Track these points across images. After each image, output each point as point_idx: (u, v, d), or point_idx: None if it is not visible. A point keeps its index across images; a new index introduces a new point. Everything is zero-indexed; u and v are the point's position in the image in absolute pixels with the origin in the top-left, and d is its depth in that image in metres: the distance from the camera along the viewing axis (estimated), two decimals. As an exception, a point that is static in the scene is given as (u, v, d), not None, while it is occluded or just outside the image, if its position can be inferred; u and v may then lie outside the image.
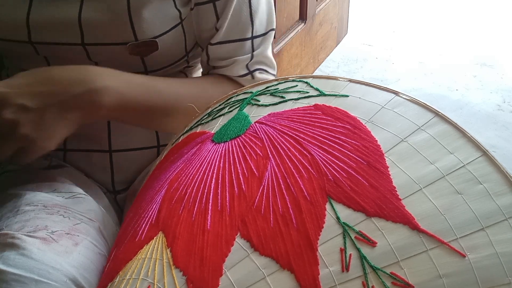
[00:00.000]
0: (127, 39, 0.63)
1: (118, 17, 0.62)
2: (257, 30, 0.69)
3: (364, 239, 0.39)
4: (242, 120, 0.51)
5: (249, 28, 0.68)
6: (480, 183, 0.40)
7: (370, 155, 0.43)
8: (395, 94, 0.48)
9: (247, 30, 0.68)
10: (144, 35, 0.63)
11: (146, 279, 0.41)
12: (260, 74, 0.72)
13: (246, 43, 0.69)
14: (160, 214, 0.45)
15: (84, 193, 0.66)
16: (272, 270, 0.39)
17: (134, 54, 0.65)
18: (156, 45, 0.65)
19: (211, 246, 0.41)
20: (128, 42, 0.63)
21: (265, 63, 0.72)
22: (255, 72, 0.71)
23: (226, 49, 0.69)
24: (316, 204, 0.41)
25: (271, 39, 0.72)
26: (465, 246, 0.38)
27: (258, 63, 0.71)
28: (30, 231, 0.52)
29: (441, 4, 2.97)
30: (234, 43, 0.69)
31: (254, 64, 0.71)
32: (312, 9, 1.94)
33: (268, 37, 0.72)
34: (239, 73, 0.70)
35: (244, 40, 0.69)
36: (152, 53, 0.65)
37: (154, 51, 0.65)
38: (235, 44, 0.69)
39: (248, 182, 0.44)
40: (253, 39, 0.69)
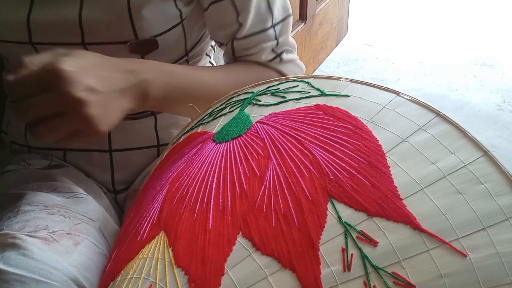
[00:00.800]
0: (128, 37, 0.63)
1: (118, 16, 0.62)
2: (276, 17, 0.71)
3: (366, 238, 0.39)
4: (243, 120, 0.51)
5: (270, 17, 0.70)
6: (481, 183, 0.40)
7: (372, 155, 0.43)
8: (396, 94, 0.48)
9: (268, 20, 0.70)
10: (144, 33, 0.63)
11: (148, 278, 0.41)
12: (287, 54, 0.74)
13: (269, 31, 0.71)
14: (162, 213, 0.45)
15: (84, 193, 0.66)
16: (273, 270, 0.39)
17: (134, 52, 0.65)
18: (156, 43, 0.65)
19: (212, 245, 0.41)
20: (129, 41, 0.63)
21: (287, 45, 0.74)
22: (282, 54, 0.73)
23: (251, 40, 0.70)
24: (317, 203, 0.41)
25: (290, 24, 0.74)
26: (466, 246, 0.38)
27: (283, 46, 0.73)
28: (30, 231, 0.52)
29: (441, 4, 2.97)
30: (258, 34, 0.70)
31: (280, 48, 0.73)
32: (312, 9, 1.94)
33: (287, 23, 0.73)
34: (268, 58, 0.72)
35: (267, 30, 0.70)
36: (153, 52, 0.66)
37: (154, 49, 0.65)
38: (259, 35, 0.70)
39: (250, 181, 0.44)
40: (274, 26, 0.71)
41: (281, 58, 0.73)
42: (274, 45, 0.72)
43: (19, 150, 0.75)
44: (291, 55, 0.75)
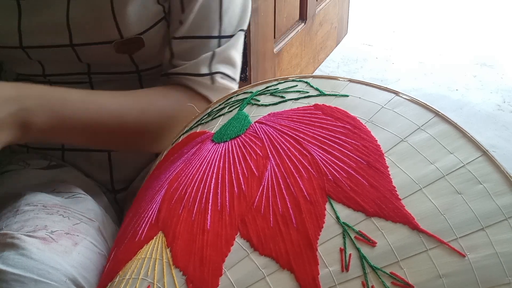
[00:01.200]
0: (113, 37, 0.63)
1: (102, 15, 0.62)
2: (225, 30, 0.66)
3: (364, 239, 0.39)
4: (242, 120, 0.51)
5: (216, 26, 0.65)
6: (480, 183, 0.40)
7: (370, 155, 0.43)
8: (395, 94, 0.48)
9: (214, 28, 0.65)
10: (129, 32, 0.63)
11: (146, 279, 0.41)
12: (222, 79, 0.67)
13: (211, 41, 0.65)
14: (160, 214, 0.45)
15: (83, 192, 0.66)
16: (271, 270, 0.39)
17: (121, 52, 0.64)
18: (141, 41, 0.64)
19: (211, 246, 0.41)
20: (114, 40, 0.63)
21: (228, 63, 0.68)
22: (217, 74, 0.67)
23: (190, 45, 0.65)
24: (315, 204, 0.41)
25: (240, 39, 0.68)
26: (465, 246, 0.38)
27: (220, 63, 0.67)
28: (29, 231, 0.52)
29: (441, 4, 2.97)
30: (199, 39, 0.65)
31: (217, 64, 0.66)
32: (312, 9, 1.94)
33: (237, 37, 0.68)
34: (200, 71, 0.66)
35: (210, 38, 0.65)
36: (140, 50, 0.65)
37: (141, 47, 0.65)
38: (200, 41, 0.65)
39: (248, 182, 0.44)
40: (220, 38, 0.66)
41: (213, 79, 0.66)
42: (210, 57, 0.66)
43: (18, 150, 0.75)
44: (225, 82, 0.68)
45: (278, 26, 1.73)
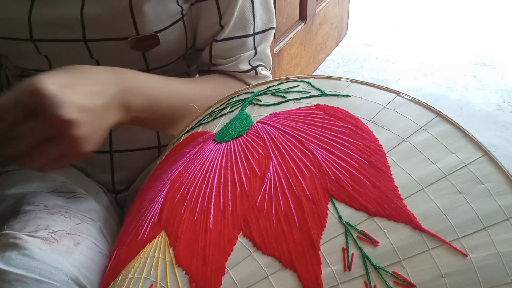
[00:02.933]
0: (129, 33, 0.63)
1: (119, 11, 0.62)
2: (258, 26, 0.69)
3: (366, 238, 0.39)
4: (244, 120, 0.51)
5: (252, 24, 0.69)
6: (482, 183, 0.40)
7: (372, 155, 0.43)
8: (396, 94, 0.48)
9: (250, 26, 0.69)
10: (146, 29, 0.63)
11: (149, 278, 0.41)
12: (262, 70, 0.72)
13: (249, 39, 0.69)
14: (162, 213, 0.45)
15: (85, 192, 0.66)
16: (274, 269, 0.39)
17: (135, 49, 0.64)
18: (157, 39, 0.64)
19: (213, 245, 0.41)
20: (129, 37, 0.63)
21: (264, 60, 0.73)
22: (258, 68, 0.71)
23: (230, 46, 0.69)
24: (318, 203, 0.41)
25: (271, 37, 0.73)
26: (466, 246, 0.38)
27: (259, 60, 0.72)
28: (31, 231, 0.52)
29: (441, 4, 2.97)
30: (238, 39, 0.68)
31: (256, 61, 0.71)
32: (312, 9, 1.94)
33: (269, 35, 0.72)
34: (243, 69, 0.70)
35: (247, 37, 0.69)
36: (154, 49, 0.65)
37: (156, 46, 0.65)
38: (239, 41, 0.69)
39: (250, 181, 0.44)
40: (255, 35, 0.70)
41: (256, 72, 0.71)
42: (252, 55, 0.70)
43: None
44: (266, 72, 0.73)
45: (278, 26, 1.73)
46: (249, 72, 0.70)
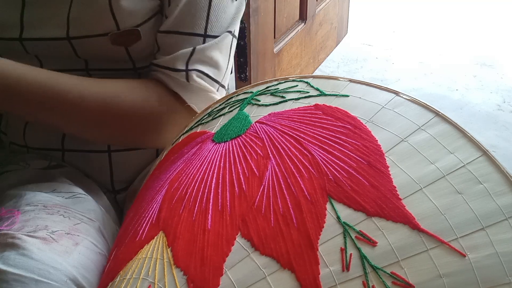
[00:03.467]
0: (109, 29, 0.63)
1: (99, 7, 0.62)
2: (212, 29, 0.64)
3: (365, 238, 0.39)
4: (242, 120, 0.51)
5: (202, 24, 0.63)
6: (480, 183, 0.40)
7: (371, 155, 0.43)
8: (395, 94, 0.48)
9: (199, 25, 0.63)
10: (126, 24, 0.63)
11: (147, 278, 0.41)
12: (198, 77, 0.64)
13: (195, 38, 0.63)
14: (161, 213, 0.45)
15: (84, 193, 0.66)
16: (272, 270, 0.39)
17: (117, 44, 0.64)
18: (138, 33, 0.64)
19: (211, 245, 0.41)
20: (110, 32, 0.63)
21: (209, 63, 0.65)
22: (193, 72, 0.63)
23: (174, 41, 0.64)
24: (316, 203, 0.41)
25: (225, 40, 0.66)
26: (465, 246, 0.38)
27: (199, 62, 0.64)
28: (30, 231, 0.52)
29: (441, 4, 2.97)
30: (182, 35, 0.63)
31: (195, 62, 0.64)
32: (312, 9, 1.94)
33: (222, 38, 0.65)
34: (176, 66, 0.63)
35: (194, 35, 0.63)
36: (136, 44, 0.65)
37: (137, 40, 0.64)
38: (183, 37, 0.63)
39: (249, 181, 0.44)
40: (206, 37, 0.63)
41: (188, 76, 0.63)
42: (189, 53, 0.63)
43: (18, 151, 0.75)
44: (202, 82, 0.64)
45: (278, 26, 1.73)
46: (180, 73, 0.63)
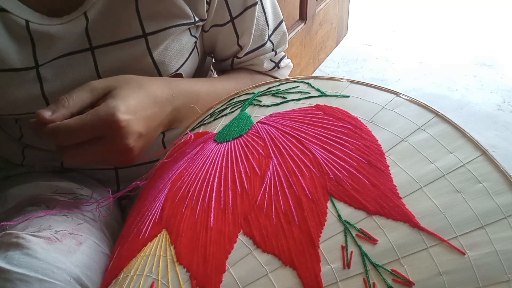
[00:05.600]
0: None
1: (138, 60, 0.62)
2: (271, 28, 0.72)
3: (365, 236, 0.39)
4: (244, 120, 0.52)
5: (266, 32, 0.71)
6: (480, 182, 0.41)
7: (371, 154, 0.43)
8: (395, 95, 0.48)
9: (265, 34, 0.71)
10: (168, 70, 0.64)
11: (150, 275, 0.41)
12: (283, 62, 0.76)
13: (266, 45, 0.72)
14: (164, 212, 0.46)
15: (86, 194, 0.66)
16: (274, 267, 0.39)
17: None
18: (181, 76, 0.65)
19: (214, 243, 0.41)
20: None
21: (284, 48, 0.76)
22: (280, 62, 0.75)
23: (250, 56, 0.72)
24: (317, 202, 0.41)
25: (284, 29, 0.74)
26: (464, 244, 0.38)
27: (280, 53, 0.75)
28: (34, 231, 0.53)
29: (441, 4, 2.97)
30: (257, 49, 0.72)
31: (278, 57, 0.75)
32: (312, 9, 1.94)
33: (281, 30, 0.74)
34: (268, 68, 0.74)
35: (265, 44, 0.72)
36: None
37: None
38: (258, 50, 0.72)
39: (251, 180, 0.44)
40: (270, 37, 0.72)
41: (279, 66, 0.75)
42: (272, 55, 0.73)
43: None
44: (285, 61, 0.77)
45: (278, 26, 1.73)
46: (273, 69, 0.75)
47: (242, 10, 0.67)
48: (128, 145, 0.53)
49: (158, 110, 0.57)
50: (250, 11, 0.67)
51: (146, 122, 0.55)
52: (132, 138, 0.53)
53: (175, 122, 0.62)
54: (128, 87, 0.55)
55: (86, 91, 0.54)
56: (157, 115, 0.57)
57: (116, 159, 0.55)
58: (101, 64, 0.61)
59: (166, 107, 0.59)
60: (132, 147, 0.53)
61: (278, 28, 0.73)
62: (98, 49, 0.61)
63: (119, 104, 0.52)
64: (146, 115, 0.55)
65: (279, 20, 0.73)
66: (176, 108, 0.60)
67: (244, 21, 0.68)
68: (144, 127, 0.55)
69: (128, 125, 0.52)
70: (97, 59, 0.61)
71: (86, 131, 0.51)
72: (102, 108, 0.52)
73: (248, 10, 0.67)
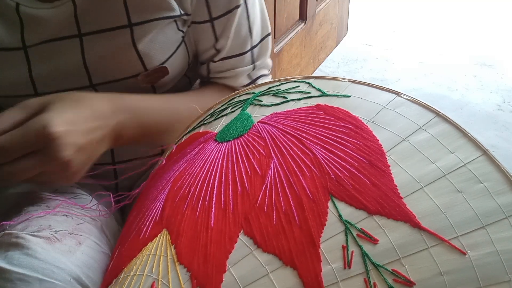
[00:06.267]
0: (137, 70, 0.63)
1: (123, 51, 0.61)
2: (255, 40, 0.70)
3: (366, 236, 0.39)
4: (245, 120, 0.52)
5: (248, 41, 0.69)
6: (481, 182, 0.41)
7: (372, 154, 0.43)
8: (396, 95, 0.48)
9: (247, 43, 0.69)
10: (153, 63, 0.63)
11: (151, 275, 0.41)
12: (263, 80, 0.74)
13: (246, 55, 0.70)
14: (164, 212, 0.46)
15: (85, 193, 0.66)
16: (275, 267, 0.39)
17: (145, 83, 0.64)
18: (166, 70, 0.65)
19: (214, 243, 0.41)
20: (138, 74, 0.63)
21: (265, 68, 0.74)
22: (258, 79, 0.73)
23: (228, 64, 0.70)
24: (318, 202, 0.41)
25: (269, 44, 0.73)
26: (465, 244, 0.38)
27: (260, 70, 0.73)
28: (34, 231, 0.53)
29: (441, 4, 2.97)
30: (235, 57, 0.70)
31: (257, 72, 0.72)
32: (312, 9, 1.95)
33: (265, 43, 0.72)
34: (242, 83, 0.72)
35: (244, 53, 0.70)
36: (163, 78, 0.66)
37: (165, 75, 0.65)
38: (236, 59, 0.70)
39: (251, 180, 0.44)
40: (252, 49, 0.70)
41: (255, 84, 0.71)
42: (251, 69, 0.71)
43: None
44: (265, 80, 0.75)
45: (278, 26, 1.74)
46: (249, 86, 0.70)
47: (224, 13, 0.66)
48: (64, 158, 0.51)
49: (99, 124, 0.56)
50: (231, 15, 0.66)
51: (86, 135, 0.54)
52: (69, 150, 0.51)
53: (121, 138, 0.60)
54: (64, 101, 0.54)
55: (18, 109, 0.53)
56: (99, 128, 0.56)
57: (55, 175, 0.53)
58: (88, 52, 0.61)
59: (109, 121, 0.57)
60: (68, 160, 0.51)
61: (263, 42, 0.71)
62: (86, 37, 0.61)
63: (52, 116, 0.51)
64: (86, 128, 0.54)
65: (265, 34, 0.72)
66: (120, 122, 0.59)
67: (223, 24, 0.66)
68: (84, 140, 0.53)
69: (62, 137, 0.51)
70: (85, 46, 0.61)
71: (17, 146, 0.50)
72: (33, 121, 0.50)
73: (229, 14, 0.66)
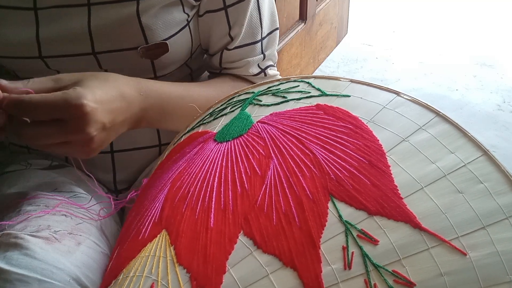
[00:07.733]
0: (138, 43, 0.64)
1: (127, 22, 0.62)
2: (264, 31, 0.73)
3: (366, 237, 0.39)
4: (244, 120, 0.51)
5: (259, 31, 0.72)
6: (481, 182, 0.41)
7: (372, 154, 0.43)
8: (396, 94, 0.48)
9: (258, 33, 0.72)
10: (154, 38, 0.64)
11: (150, 276, 0.41)
12: (271, 70, 0.76)
13: (257, 45, 0.72)
14: (163, 212, 0.46)
15: (85, 192, 0.66)
16: (275, 268, 0.39)
17: (145, 57, 0.65)
18: (166, 47, 0.65)
19: (214, 243, 0.41)
20: (139, 46, 0.64)
21: (273, 60, 0.77)
22: (267, 69, 0.75)
23: (239, 53, 0.72)
24: (318, 202, 0.41)
25: (277, 37, 0.76)
26: (466, 245, 0.38)
27: (268, 61, 0.76)
28: (33, 231, 0.53)
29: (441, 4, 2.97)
30: (247, 46, 0.72)
31: (266, 62, 0.75)
32: (312, 9, 1.94)
33: (274, 36, 0.75)
34: (253, 72, 0.73)
35: (256, 43, 0.72)
36: (163, 55, 0.66)
37: (165, 53, 0.66)
38: (248, 48, 0.72)
39: (251, 180, 0.44)
40: (262, 40, 0.73)
41: (266, 74, 0.75)
42: (260, 59, 0.74)
43: (18, 151, 0.75)
44: (274, 71, 0.77)
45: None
46: (259, 75, 0.74)
47: (237, 1, 0.68)
48: (90, 134, 0.52)
49: (124, 105, 0.57)
50: (244, 3, 0.68)
51: (111, 115, 0.55)
52: (95, 127, 0.53)
53: (142, 122, 0.62)
54: (95, 79, 0.56)
55: (50, 79, 0.54)
56: (123, 110, 0.57)
57: (74, 148, 0.54)
58: (93, 21, 0.62)
59: (133, 105, 0.59)
60: (93, 136, 0.53)
61: (272, 34, 0.74)
62: (94, 6, 0.62)
63: (87, 92, 0.52)
64: (112, 107, 0.55)
65: (274, 27, 0.75)
66: (144, 108, 0.60)
67: (237, 11, 0.69)
68: (109, 119, 0.55)
69: (93, 113, 0.52)
70: (92, 14, 0.62)
71: (48, 108, 0.50)
72: (70, 91, 0.52)
73: (242, 2, 0.68)
